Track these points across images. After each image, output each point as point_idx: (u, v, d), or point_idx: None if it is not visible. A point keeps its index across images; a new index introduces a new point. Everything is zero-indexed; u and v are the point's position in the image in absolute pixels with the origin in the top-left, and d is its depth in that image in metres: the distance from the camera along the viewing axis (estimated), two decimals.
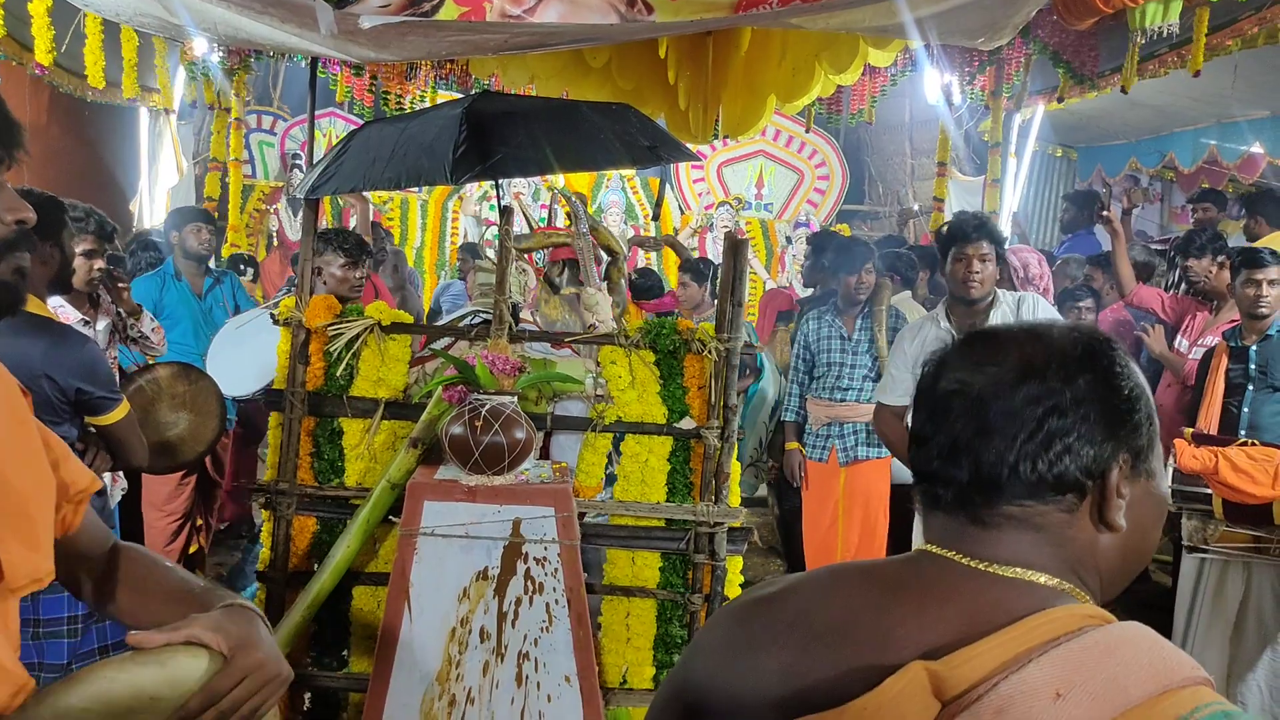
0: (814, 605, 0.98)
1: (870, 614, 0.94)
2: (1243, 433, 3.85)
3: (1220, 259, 4.78)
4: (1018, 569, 0.95)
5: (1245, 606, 3.74)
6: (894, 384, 3.76)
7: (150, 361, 4.00)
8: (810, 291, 6.09)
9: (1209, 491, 3.66)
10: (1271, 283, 3.87)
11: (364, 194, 5.07)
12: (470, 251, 7.41)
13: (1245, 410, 3.88)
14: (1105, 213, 4.96)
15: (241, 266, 6.50)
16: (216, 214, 6.74)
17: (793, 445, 4.89)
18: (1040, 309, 3.63)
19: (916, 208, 7.09)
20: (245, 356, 3.93)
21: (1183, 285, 5.32)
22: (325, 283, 4.03)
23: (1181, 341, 4.83)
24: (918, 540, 3.56)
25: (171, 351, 4.62)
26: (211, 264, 5.34)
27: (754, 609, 1.04)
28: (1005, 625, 0.88)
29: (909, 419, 1.07)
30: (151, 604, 1.26)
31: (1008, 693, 0.83)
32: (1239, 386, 3.93)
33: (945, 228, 3.68)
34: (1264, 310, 3.89)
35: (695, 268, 5.94)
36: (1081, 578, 0.97)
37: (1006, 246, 5.04)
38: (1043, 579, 0.95)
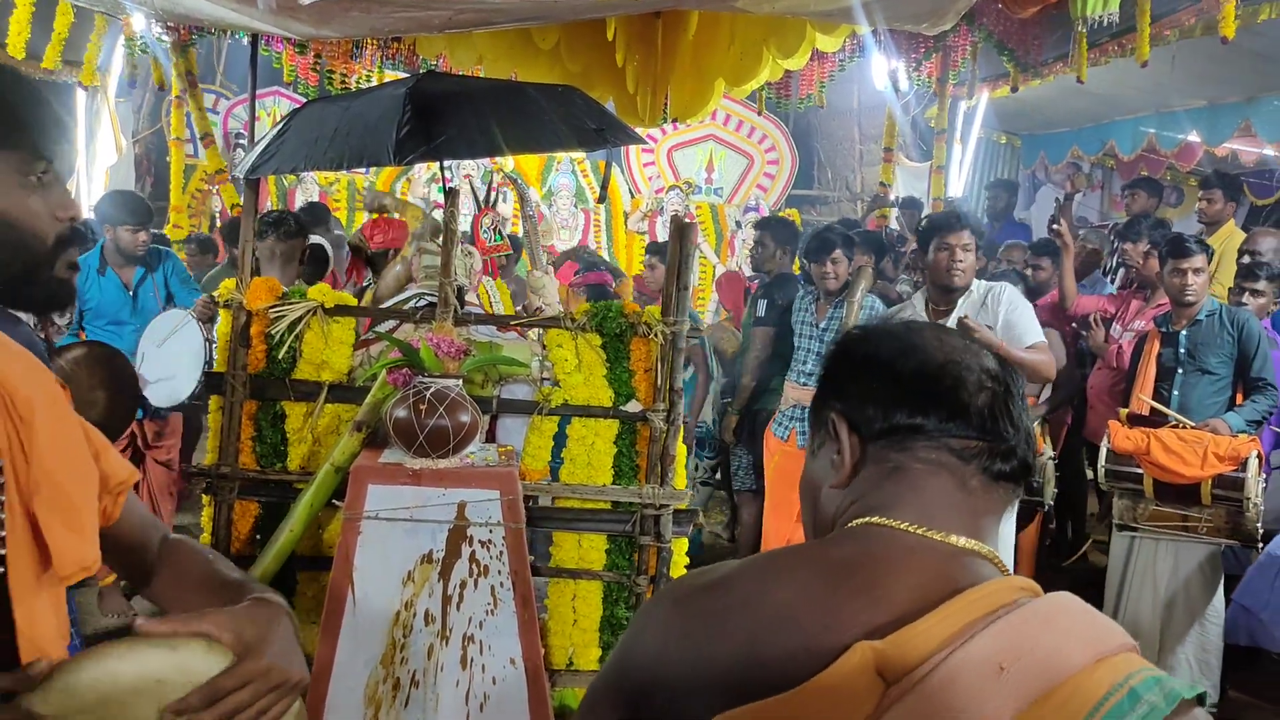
0: (760, 590, 0.97)
1: (818, 594, 0.94)
2: None
3: (1148, 248, 4.90)
4: (964, 538, 0.98)
5: (1174, 583, 3.87)
6: None
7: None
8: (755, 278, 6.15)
9: (1140, 471, 3.77)
10: (1197, 271, 3.98)
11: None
12: None
13: (1175, 393, 3.99)
14: (1055, 226, 5.03)
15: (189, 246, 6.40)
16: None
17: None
18: (1006, 297, 3.69)
19: (894, 198, 7.10)
20: (180, 368, 3.93)
21: (1121, 270, 5.44)
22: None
23: (1115, 327, 4.94)
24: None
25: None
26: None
27: (698, 596, 1.01)
28: (948, 598, 0.90)
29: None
30: (185, 592, 1.26)
31: (954, 668, 0.85)
32: (1169, 370, 4.04)
33: (927, 220, 3.82)
34: (1190, 298, 4.00)
35: (661, 250, 6.00)
36: None
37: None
38: (983, 549, 0.98)
